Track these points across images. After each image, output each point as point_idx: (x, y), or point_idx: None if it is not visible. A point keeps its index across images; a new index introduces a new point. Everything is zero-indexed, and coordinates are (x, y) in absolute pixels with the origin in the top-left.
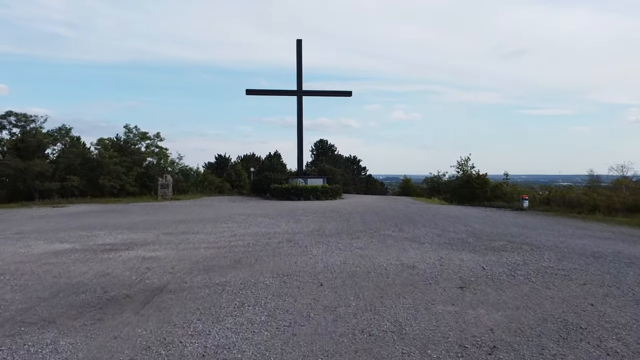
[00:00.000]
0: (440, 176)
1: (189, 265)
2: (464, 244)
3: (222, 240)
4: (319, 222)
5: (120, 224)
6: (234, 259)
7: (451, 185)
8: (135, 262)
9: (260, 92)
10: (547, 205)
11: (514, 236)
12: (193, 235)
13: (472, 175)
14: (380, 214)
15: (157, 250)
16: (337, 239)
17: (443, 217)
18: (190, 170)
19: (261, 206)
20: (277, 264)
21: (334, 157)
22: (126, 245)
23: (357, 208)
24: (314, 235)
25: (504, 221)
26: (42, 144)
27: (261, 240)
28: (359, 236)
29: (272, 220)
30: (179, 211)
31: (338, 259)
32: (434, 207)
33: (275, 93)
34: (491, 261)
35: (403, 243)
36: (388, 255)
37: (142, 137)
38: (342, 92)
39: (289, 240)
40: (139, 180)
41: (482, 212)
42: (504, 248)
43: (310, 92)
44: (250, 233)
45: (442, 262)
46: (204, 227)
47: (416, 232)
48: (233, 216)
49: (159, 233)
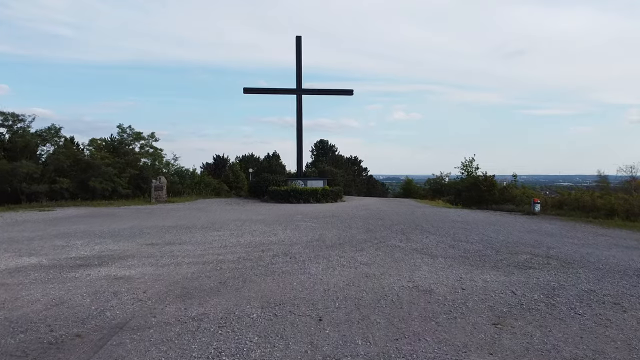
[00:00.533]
0: (442, 177)
1: (164, 287)
2: (483, 258)
3: (210, 252)
4: (319, 230)
5: (104, 231)
6: (219, 278)
7: (455, 187)
8: (102, 284)
9: (258, 91)
10: (559, 209)
11: (535, 246)
12: (179, 247)
13: (480, 177)
14: (384, 219)
15: (133, 267)
16: (339, 251)
17: (452, 222)
18: (186, 171)
19: (258, 210)
20: (269, 286)
21: (335, 158)
22: (101, 260)
23: (360, 212)
24: (313, 247)
25: (518, 227)
26: (29, 144)
27: (254, 253)
28: (363, 248)
29: (268, 228)
30: (170, 216)
31: (341, 280)
32: (441, 211)
33: (274, 92)
34: (520, 282)
35: (413, 256)
36: (398, 274)
37: (136, 138)
38: (343, 91)
39: (284, 254)
40: (133, 182)
41: (492, 217)
42: (530, 264)
43: (310, 90)
44: (242, 243)
45: (464, 284)
46: (193, 235)
47: (425, 241)
48: (226, 222)
49: (142, 243)
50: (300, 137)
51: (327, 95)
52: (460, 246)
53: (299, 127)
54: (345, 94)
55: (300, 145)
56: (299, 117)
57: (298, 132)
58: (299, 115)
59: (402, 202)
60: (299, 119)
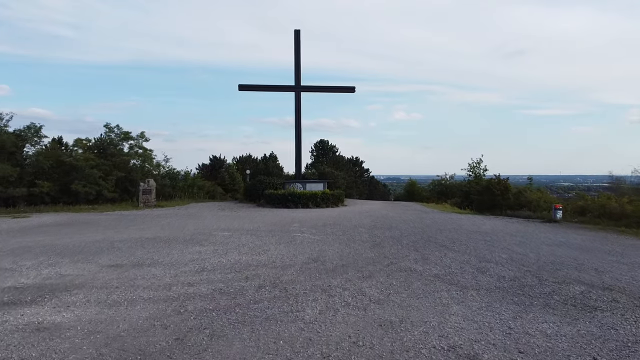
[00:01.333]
0: (447, 179)
1: (95, 350)
2: (526, 290)
3: (180, 281)
4: (318, 244)
5: (68, 245)
6: (177, 330)
7: (462, 189)
8: (12, 341)
9: (254, 88)
10: (581, 215)
11: (579, 269)
12: (146, 271)
13: (492, 181)
14: (391, 228)
15: (73, 307)
16: (342, 279)
17: (468, 233)
18: (177, 173)
19: (252, 217)
20: (244, 348)
21: (336, 159)
22: (38, 293)
23: (363, 220)
24: (309, 271)
25: (543, 239)
26: (5, 144)
27: (235, 282)
28: (372, 273)
29: (260, 241)
30: (153, 224)
31: (346, 333)
32: (451, 217)
33: (271, 89)
34: (596, 338)
35: (436, 287)
36: (423, 322)
37: (125, 137)
38: (344, 88)
39: (273, 284)
40: (120, 185)
41: (510, 225)
42: (590, 300)
43: (310, 87)
44: (225, 265)
45: (519, 343)
46: (169, 252)
47: (446, 262)
48: (213, 233)
49: (105, 264)
50: (299, 137)
51: (327, 92)
52: (490, 270)
53: (298, 126)
54: (347, 92)
55: (299, 145)
56: (298, 116)
57: (297, 132)
58: (298, 114)
59: (408, 206)
60: (297, 118)
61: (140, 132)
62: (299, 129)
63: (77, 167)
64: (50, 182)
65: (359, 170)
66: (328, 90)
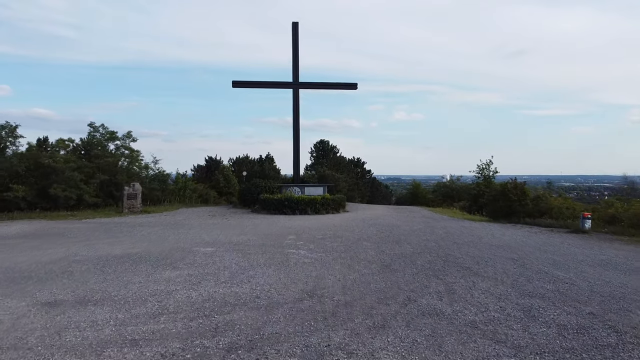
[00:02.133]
0: (454, 180)
1: None
2: (605, 354)
3: (122, 336)
4: (316, 267)
5: (14, 268)
6: None
7: (470, 192)
8: None
9: (249, 84)
10: (611, 225)
11: None
12: (87, 313)
13: (508, 184)
14: (401, 242)
15: None
16: (347, 333)
17: (490, 248)
18: (167, 176)
19: (243, 225)
20: None
21: (336, 160)
22: None
23: (368, 230)
24: (303, 315)
25: (582, 258)
26: None
27: (198, 338)
28: (386, 321)
29: (245, 262)
30: (130, 236)
31: None
32: (465, 225)
33: (267, 85)
34: None
35: (479, 349)
36: None
37: (110, 138)
38: (345, 85)
39: (250, 344)
40: (104, 189)
41: (533, 237)
42: None
43: (309, 84)
44: (194, 303)
45: None
46: (129, 281)
47: (480, 297)
48: (194, 249)
49: (39, 302)
50: (297, 138)
51: (327, 89)
52: (542, 313)
53: (296, 126)
54: (348, 88)
55: (297, 146)
56: (296, 115)
57: (295, 132)
58: (296, 113)
59: (414, 211)
60: (295, 117)
61: (127, 131)
62: (297, 129)
63: (56, 169)
64: (27, 186)
65: (360, 171)
66: (328, 87)
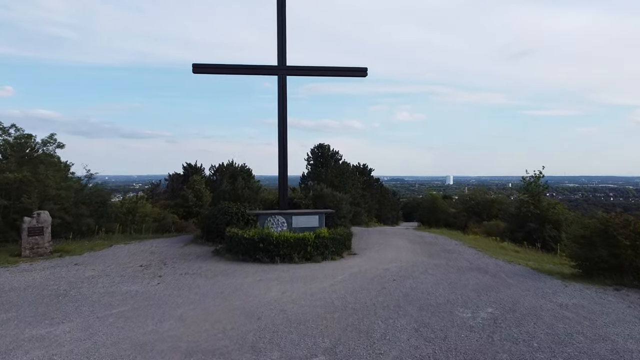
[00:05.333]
0: (483, 192)
1: None
2: None
3: None
4: None
5: None
6: None
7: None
8: None
9: (212, 69)
10: None
11: None
12: None
13: (612, 218)
14: None
15: None
16: None
17: None
18: (108, 194)
19: (170, 305)
20: None
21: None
22: None
23: (394, 314)
24: None
25: None
26: None
27: None
28: None
29: None
30: None
31: None
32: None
33: (241, 70)
34: None
35: None
36: None
37: (21, 145)
38: (351, 70)
39: None
40: (7, 217)
41: None
42: None
43: (300, 69)
44: None
45: None
46: None
47: None
48: None
49: None
50: (283, 146)
51: (328, 76)
52: None
53: (282, 130)
54: (356, 75)
55: (283, 158)
56: (282, 114)
57: (281, 139)
58: (282, 108)
59: (452, 252)
60: (281, 115)
61: (50, 134)
62: (283, 134)
63: None
64: None
65: (366, 179)
66: (328, 73)
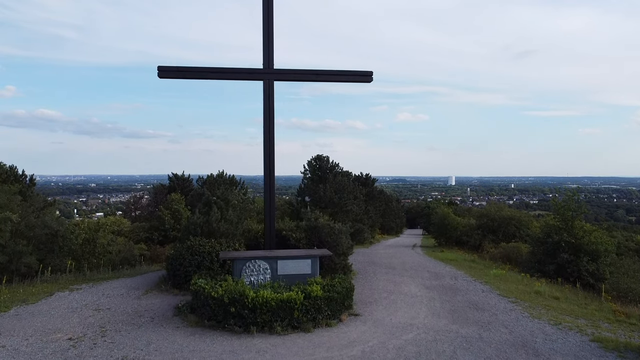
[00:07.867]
0: (499, 207)
1: None
2: None
3: None
4: None
5: None
6: None
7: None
8: None
9: (181, 72)
10: None
11: None
12: None
13: None
14: None
15: None
16: None
17: None
18: (61, 222)
19: None
20: None
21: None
22: None
23: None
24: None
25: None
26: None
27: None
28: None
29: None
30: None
31: None
32: None
33: (215, 75)
34: None
35: None
36: None
37: None
38: (355, 74)
39: None
40: None
41: None
42: None
43: (290, 72)
44: None
45: None
46: None
47: None
48: None
49: None
50: (270, 167)
51: (325, 81)
52: None
53: (268, 146)
54: (359, 80)
55: (270, 181)
56: (268, 125)
57: (266, 160)
58: (269, 121)
59: (479, 302)
60: (267, 128)
61: None
62: (270, 153)
63: None
64: None
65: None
66: (323, 79)
